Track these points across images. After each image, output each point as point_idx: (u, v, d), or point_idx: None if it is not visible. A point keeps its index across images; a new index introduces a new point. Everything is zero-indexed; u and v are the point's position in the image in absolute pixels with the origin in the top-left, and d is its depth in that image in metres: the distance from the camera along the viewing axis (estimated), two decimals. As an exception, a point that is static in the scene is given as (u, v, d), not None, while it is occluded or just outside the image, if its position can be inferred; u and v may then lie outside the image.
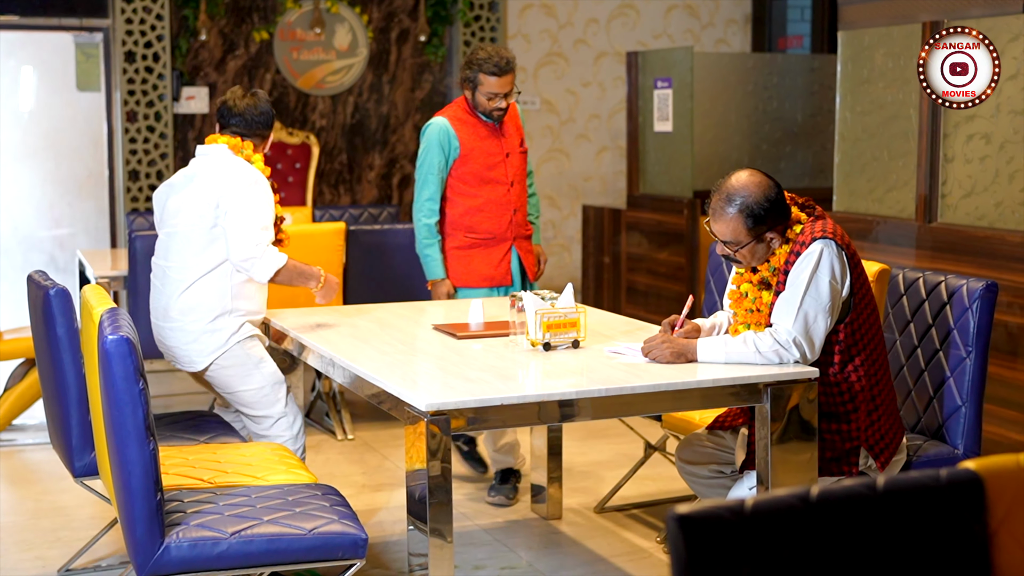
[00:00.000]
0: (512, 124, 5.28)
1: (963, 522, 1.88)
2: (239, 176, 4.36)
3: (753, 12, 10.02)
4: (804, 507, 1.79)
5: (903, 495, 1.85)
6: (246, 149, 4.49)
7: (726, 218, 3.66)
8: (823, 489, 1.81)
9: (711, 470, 4.05)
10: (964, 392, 3.92)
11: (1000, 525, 1.91)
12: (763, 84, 8.50)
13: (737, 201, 3.64)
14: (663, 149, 8.00)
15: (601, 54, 9.74)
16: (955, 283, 3.99)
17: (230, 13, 8.78)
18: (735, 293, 3.87)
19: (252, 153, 4.51)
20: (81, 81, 8.75)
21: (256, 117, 4.52)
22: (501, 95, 5.08)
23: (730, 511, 1.74)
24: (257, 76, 8.92)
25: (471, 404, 3.26)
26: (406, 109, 9.30)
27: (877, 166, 6.15)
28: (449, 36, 9.32)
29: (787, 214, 3.72)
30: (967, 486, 1.89)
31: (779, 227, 3.70)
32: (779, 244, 3.70)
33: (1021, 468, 1.94)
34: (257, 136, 4.54)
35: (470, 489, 5.33)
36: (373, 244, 6.04)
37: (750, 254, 3.71)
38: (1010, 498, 1.92)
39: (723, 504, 1.75)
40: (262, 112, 4.54)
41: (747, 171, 3.71)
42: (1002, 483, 1.92)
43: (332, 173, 9.17)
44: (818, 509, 1.80)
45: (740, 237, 3.67)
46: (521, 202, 5.31)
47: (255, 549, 3.20)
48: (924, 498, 1.87)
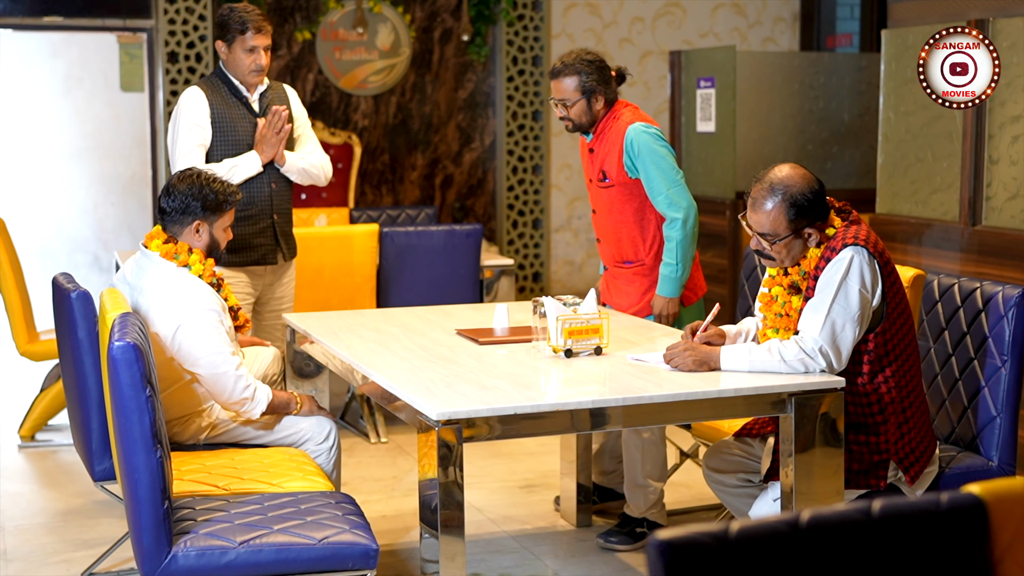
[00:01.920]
0: (606, 145, 4.65)
1: (965, 549, 1.79)
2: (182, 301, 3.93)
3: (801, 10, 9.88)
4: (792, 533, 1.71)
5: (900, 521, 1.76)
6: (180, 254, 4.04)
7: (766, 209, 3.57)
8: (813, 514, 1.72)
9: (738, 479, 3.96)
10: (999, 402, 3.80)
11: (1005, 552, 1.82)
12: (809, 83, 8.37)
13: (780, 191, 3.55)
14: (705, 149, 7.89)
15: (646, 53, 9.64)
16: (991, 290, 3.87)
17: (272, 13, 8.77)
18: (766, 296, 3.78)
19: (188, 256, 4.04)
20: (125, 82, 8.79)
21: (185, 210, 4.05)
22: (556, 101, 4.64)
23: (713, 537, 1.67)
24: (299, 76, 8.91)
25: (483, 413, 3.20)
26: (449, 109, 9.25)
27: (921, 167, 6.02)
28: (492, 35, 9.26)
29: (827, 212, 3.63)
30: (969, 511, 1.80)
31: (818, 224, 3.60)
32: (816, 242, 3.60)
33: (1029, 492, 1.85)
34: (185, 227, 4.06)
35: (498, 495, 5.27)
36: (407, 246, 6.00)
37: (786, 250, 3.60)
38: (1016, 524, 1.82)
39: (705, 530, 1.67)
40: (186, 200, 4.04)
41: (789, 164, 3.63)
42: (1007, 508, 1.82)
43: (374, 173, 9.14)
44: (808, 535, 1.71)
45: (779, 229, 3.57)
46: (603, 234, 4.76)
47: (264, 559, 3.15)
48: (923, 524, 1.78)
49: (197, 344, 3.90)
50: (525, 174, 9.37)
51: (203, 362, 3.90)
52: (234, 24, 5.04)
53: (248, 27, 5.02)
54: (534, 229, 9.44)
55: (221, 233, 4.13)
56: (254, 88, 5.19)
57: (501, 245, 9.36)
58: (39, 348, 6.08)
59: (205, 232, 4.07)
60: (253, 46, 5.04)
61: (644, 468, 4.50)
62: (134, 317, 3.35)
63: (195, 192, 4.04)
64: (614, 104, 4.65)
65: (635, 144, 4.52)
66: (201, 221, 4.06)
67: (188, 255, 4.04)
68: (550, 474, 5.52)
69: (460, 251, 6.08)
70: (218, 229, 4.11)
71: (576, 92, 4.56)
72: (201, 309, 3.93)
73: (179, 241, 4.06)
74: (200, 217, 4.05)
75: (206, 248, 4.10)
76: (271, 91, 5.26)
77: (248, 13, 5.06)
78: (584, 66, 4.56)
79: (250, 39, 5.03)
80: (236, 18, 5.04)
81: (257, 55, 5.05)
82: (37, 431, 6.15)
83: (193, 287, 3.96)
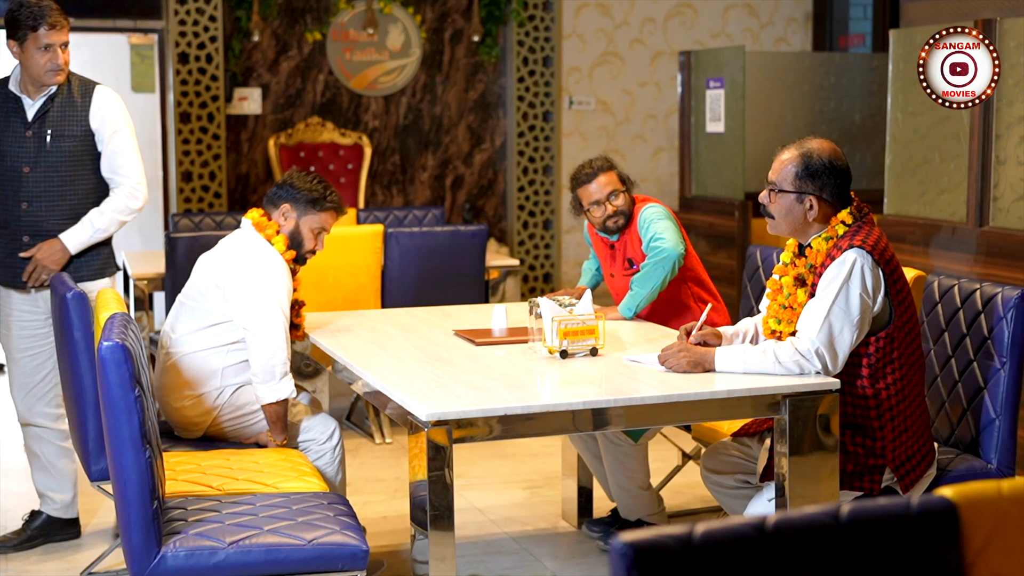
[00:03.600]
0: (627, 235, 4.65)
1: (936, 554, 1.77)
2: (260, 262, 4.11)
3: (814, 10, 9.84)
4: (759, 537, 1.69)
5: (869, 524, 1.74)
6: (268, 228, 4.21)
7: (782, 158, 3.61)
8: (780, 518, 1.70)
9: (736, 480, 3.93)
10: (999, 404, 3.77)
11: (977, 557, 1.79)
12: (820, 84, 8.33)
13: (803, 149, 3.60)
14: (715, 150, 7.86)
15: (658, 54, 9.61)
16: (990, 291, 3.84)
17: (283, 14, 8.79)
18: (775, 283, 3.75)
19: (275, 235, 4.20)
20: (136, 82, 8.80)
21: (282, 191, 4.24)
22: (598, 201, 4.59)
23: (677, 540, 1.65)
24: (310, 77, 8.91)
25: (473, 414, 3.18)
26: (459, 110, 9.25)
27: (928, 168, 5.98)
28: (503, 36, 9.25)
29: (842, 196, 3.59)
30: (940, 515, 1.78)
31: (824, 199, 3.57)
32: (814, 217, 3.57)
33: (1003, 497, 1.82)
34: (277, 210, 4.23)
35: (501, 496, 5.26)
36: (412, 246, 5.99)
37: (784, 210, 3.59)
38: (989, 528, 1.80)
39: (669, 533, 1.65)
40: (286, 185, 4.24)
41: (828, 140, 3.67)
42: (981, 512, 1.80)
43: (385, 174, 9.14)
44: (775, 539, 1.69)
45: (784, 182, 3.59)
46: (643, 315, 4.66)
47: (253, 559, 3.14)
48: (893, 528, 1.75)
49: (263, 303, 4.02)
50: (536, 175, 9.36)
51: (262, 319, 4.01)
52: (25, 20, 4.51)
53: (41, 23, 4.50)
54: (544, 230, 9.42)
55: (307, 230, 4.23)
56: (39, 92, 4.59)
57: (512, 246, 9.35)
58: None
59: (292, 218, 4.21)
60: (48, 43, 4.50)
61: (625, 472, 4.49)
62: (126, 317, 3.35)
63: (300, 181, 4.24)
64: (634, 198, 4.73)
65: (645, 217, 4.57)
66: (291, 205, 4.20)
67: (275, 234, 4.20)
68: (553, 475, 5.50)
69: (465, 252, 6.07)
70: (306, 224, 4.22)
71: (620, 182, 4.61)
72: (276, 274, 4.08)
73: (271, 219, 4.23)
74: (292, 201, 4.20)
75: (289, 235, 4.21)
76: (65, 97, 4.62)
77: (41, 7, 4.53)
78: (610, 161, 4.66)
79: (44, 36, 4.50)
80: (27, 13, 4.52)
81: (53, 53, 4.51)
82: (43, 431, 6.15)
83: (273, 256, 4.14)
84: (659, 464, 5.68)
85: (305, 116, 8.91)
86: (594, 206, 4.58)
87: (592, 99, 9.51)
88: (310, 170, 4.21)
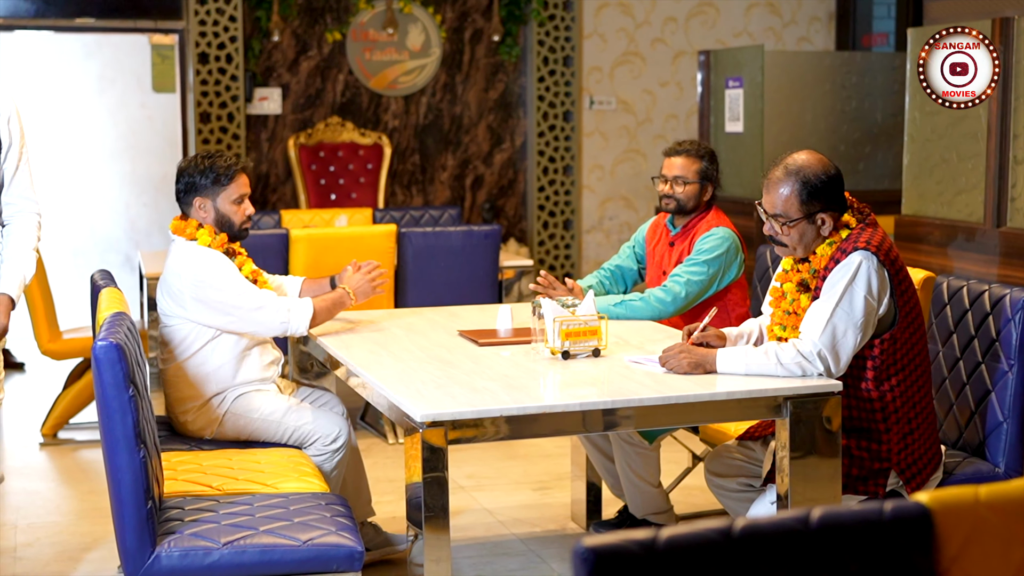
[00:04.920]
0: (691, 241, 4.65)
1: (909, 560, 1.74)
2: (194, 263, 4.08)
3: (837, 9, 9.77)
4: (725, 542, 1.66)
5: (840, 530, 1.71)
6: (189, 228, 4.16)
7: (779, 189, 3.53)
8: (748, 523, 1.68)
9: (739, 483, 3.90)
10: (1006, 407, 3.72)
11: (952, 563, 1.76)
12: (841, 83, 8.26)
13: (794, 172, 3.52)
14: (733, 150, 7.81)
15: (679, 53, 9.57)
16: (999, 292, 3.79)
17: (303, 14, 8.80)
18: (777, 291, 3.71)
19: (196, 231, 4.14)
20: (157, 83, 8.84)
21: (182, 188, 4.16)
22: (667, 178, 4.63)
23: (640, 545, 1.62)
24: (329, 77, 8.92)
25: (468, 415, 3.17)
26: (479, 109, 9.23)
27: (946, 168, 5.92)
28: (523, 36, 9.23)
29: (843, 202, 3.56)
30: (914, 522, 1.74)
31: (832, 213, 3.53)
32: (828, 230, 3.53)
33: (980, 503, 1.79)
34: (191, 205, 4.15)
35: (511, 497, 5.24)
36: (424, 246, 5.98)
37: (797, 235, 3.54)
38: (965, 535, 1.77)
39: (633, 537, 1.63)
40: (181, 180, 4.16)
41: (808, 151, 3.61)
42: (956, 518, 1.77)
43: (404, 174, 9.14)
44: (741, 545, 1.67)
45: (790, 211, 3.52)
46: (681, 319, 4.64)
47: (248, 560, 3.14)
48: (865, 534, 1.72)
49: (222, 293, 4.03)
50: (556, 175, 9.33)
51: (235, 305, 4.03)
52: None
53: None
54: (565, 230, 9.39)
55: (229, 206, 4.17)
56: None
57: (531, 246, 9.33)
58: (61, 347, 6.12)
59: (209, 207, 4.15)
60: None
61: (636, 469, 4.46)
62: (124, 317, 3.34)
63: (191, 169, 4.15)
64: (713, 205, 4.72)
65: (706, 243, 4.55)
66: (201, 197, 4.14)
67: (197, 230, 4.14)
68: (565, 476, 5.47)
69: (478, 252, 6.05)
70: (224, 203, 4.16)
71: (696, 175, 4.61)
72: (215, 264, 4.06)
73: (188, 218, 4.18)
74: (199, 193, 4.14)
75: (216, 223, 4.17)
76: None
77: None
78: (709, 155, 4.66)
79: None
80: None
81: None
82: (59, 429, 6.18)
83: (202, 251, 4.10)
84: (669, 466, 5.64)
85: (325, 116, 8.91)
86: (660, 179, 4.66)
87: (613, 99, 9.48)
88: (190, 155, 4.12)
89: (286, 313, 4.09)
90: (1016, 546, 1.79)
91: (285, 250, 5.82)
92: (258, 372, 4.22)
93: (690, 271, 4.51)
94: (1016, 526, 1.79)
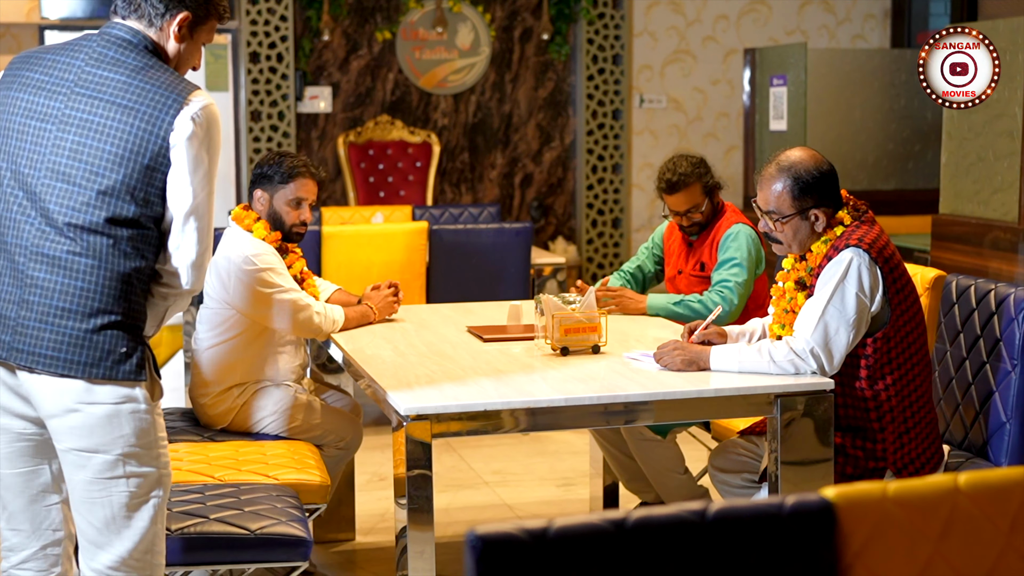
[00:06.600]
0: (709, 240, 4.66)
1: (810, 554, 1.74)
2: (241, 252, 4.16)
3: (892, 6, 9.66)
4: (618, 533, 1.68)
5: (737, 523, 1.72)
6: (247, 218, 4.26)
7: (772, 185, 3.54)
8: (642, 514, 1.69)
9: (743, 479, 3.89)
10: (1009, 408, 3.67)
11: (856, 558, 1.76)
12: (891, 81, 8.18)
13: (786, 168, 3.53)
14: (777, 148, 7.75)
15: (731, 51, 9.52)
16: (1004, 291, 3.74)
17: (353, 13, 8.89)
18: (778, 290, 3.71)
19: (253, 223, 4.24)
20: (210, 81, 8.98)
21: (253, 180, 4.29)
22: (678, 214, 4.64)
23: (530, 534, 1.65)
24: (380, 76, 9.00)
25: (453, 409, 3.20)
26: (529, 108, 9.26)
27: (982, 167, 5.84)
28: (573, 34, 9.25)
29: (837, 198, 3.55)
30: (815, 515, 1.75)
31: (826, 209, 3.52)
32: (822, 227, 3.52)
33: (887, 498, 1.79)
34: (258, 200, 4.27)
35: (534, 493, 5.26)
36: (456, 244, 6.02)
37: (792, 232, 3.54)
38: (869, 529, 1.77)
39: (524, 527, 1.65)
40: (253, 173, 4.30)
41: (802, 147, 3.63)
42: (861, 513, 1.77)
43: (454, 172, 9.20)
44: (634, 536, 1.68)
45: (783, 207, 3.52)
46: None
47: (195, 547, 3.21)
48: (763, 527, 1.73)
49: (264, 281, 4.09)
50: (605, 173, 9.33)
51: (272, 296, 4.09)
52: None
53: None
54: (613, 228, 9.39)
55: (284, 206, 4.25)
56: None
57: (580, 244, 9.34)
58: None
59: (265, 201, 4.24)
60: None
61: (655, 461, 4.45)
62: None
63: (264, 161, 4.29)
64: (724, 204, 4.72)
65: (730, 241, 4.54)
66: (262, 190, 4.25)
67: (255, 222, 4.23)
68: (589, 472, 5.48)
69: (509, 249, 6.08)
70: (280, 201, 4.24)
71: (702, 194, 4.61)
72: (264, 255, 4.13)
73: (250, 209, 4.28)
74: (262, 186, 4.25)
75: (269, 219, 4.25)
76: None
77: None
78: (697, 166, 4.63)
79: None
80: None
81: None
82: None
83: (255, 241, 4.18)
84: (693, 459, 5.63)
85: (374, 114, 9.00)
86: (673, 215, 4.67)
87: (663, 97, 9.45)
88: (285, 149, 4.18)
89: (317, 316, 4.14)
90: (923, 541, 1.78)
91: (318, 246, 5.89)
92: (285, 373, 4.28)
93: (733, 273, 4.50)
94: (923, 521, 1.79)
